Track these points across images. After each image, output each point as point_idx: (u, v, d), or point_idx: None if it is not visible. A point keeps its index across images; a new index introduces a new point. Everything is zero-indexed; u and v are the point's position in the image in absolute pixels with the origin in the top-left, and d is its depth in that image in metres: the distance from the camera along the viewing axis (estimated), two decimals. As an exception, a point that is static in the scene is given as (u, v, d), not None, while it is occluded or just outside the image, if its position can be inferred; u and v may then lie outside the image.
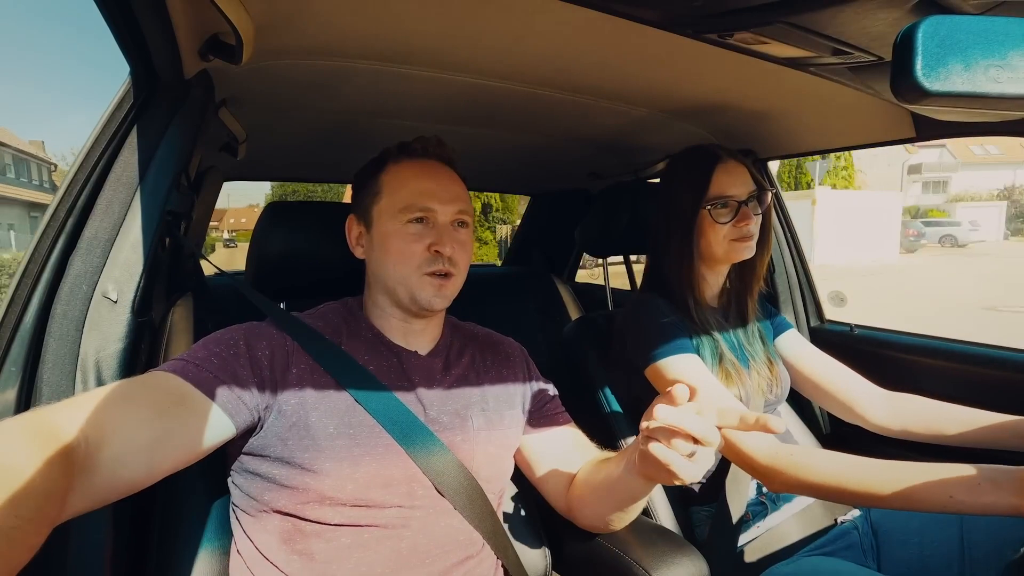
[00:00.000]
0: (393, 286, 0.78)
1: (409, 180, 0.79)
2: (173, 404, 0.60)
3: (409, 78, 0.96)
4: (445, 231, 0.77)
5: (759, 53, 0.79)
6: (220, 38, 0.74)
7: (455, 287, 0.80)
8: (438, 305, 0.78)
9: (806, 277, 1.54)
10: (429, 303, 0.76)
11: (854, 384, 1.10)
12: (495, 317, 1.01)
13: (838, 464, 0.80)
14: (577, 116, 1.22)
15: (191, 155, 0.82)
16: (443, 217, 0.78)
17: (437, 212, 0.77)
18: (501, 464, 0.83)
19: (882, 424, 1.05)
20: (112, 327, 0.71)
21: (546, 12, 0.72)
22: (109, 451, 0.52)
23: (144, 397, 0.59)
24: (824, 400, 1.14)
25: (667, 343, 0.99)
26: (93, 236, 0.71)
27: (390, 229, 0.77)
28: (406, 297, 0.77)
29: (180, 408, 0.61)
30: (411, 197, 0.77)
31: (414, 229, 0.77)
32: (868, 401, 1.07)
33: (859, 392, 1.09)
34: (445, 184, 0.80)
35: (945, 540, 0.92)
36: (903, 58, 0.44)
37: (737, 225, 1.02)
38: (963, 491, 0.69)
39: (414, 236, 0.76)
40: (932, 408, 1.00)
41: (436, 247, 0.76)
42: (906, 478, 0.73)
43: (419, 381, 0.78)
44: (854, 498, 0.77)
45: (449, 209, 0.78)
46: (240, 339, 0.70)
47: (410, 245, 0.76)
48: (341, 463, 0.68)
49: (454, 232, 0.79)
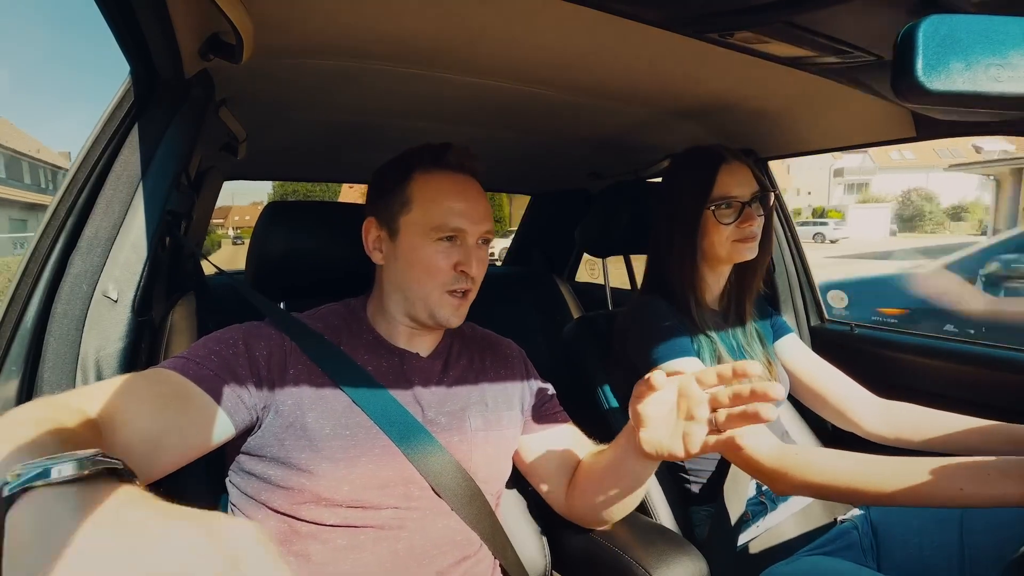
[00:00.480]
0: (413, 300, 0.77)
1: (442, 197, 0.77)
2: (175, 400, 0.60)
3: (409, 78, 0.96)
4: (473, 251, 0.77)
5: (760, 52, 0.79)
6: (220, 37, 0.74)
7: (470, 303, 0.80)
8: (455, 323, 0.78)
9: (806, 277, 1.54)
10: (447, 321, 0.77)
11: (849, 391, 1.10)
12: (495, 317, 1.01)
13: (845, 463, 0.79)
14: (578, 116, 1.22)
15: (191, 155, 0.82)
16: (472, 237, 0.77)
17: (468, 233, 0.77)
18: (499, 465, 0.83)
19: (876, 432, 1.04)
20: (112, 326, 0.71)
21: (547, 12, 0.72)
22: (119, 438, 0.52)
23: (148, 391, 0.59)
24: (818, 406, 1.14)
25: (668, 346, 0.98)
26: (93, 235, 0.71)
27: (418, 244, 0.76)
28: (424, 313, 0.77)
29: (181, 405, 0.61)
30: (444, 216, 0.76)
31: (443, 248, 0.76)
32: (862, 408, 1.07)
33: (854, 399, 1.08)
34: (476, 203, 0.79)
35: (945, 540, 0.92)
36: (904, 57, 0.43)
37: (741, 226, 1.02)
38: (973, 483, 0.68)
39: (442, 255, 0.76)
40: (927, 416, 0.99)
41: (463, 267, 0.76)
42: (915, 474, 0.72)
43: (418, 382, 0.78)
44: (862, 497, 0.76)
45: (479, 229, 0.78)
46: (239, 338, 0.70)
47: (438, 263, 0.76)
48: (337, 464, 0.68)
49: (479, 250, 0.79)
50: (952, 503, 0.70)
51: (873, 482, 0.75)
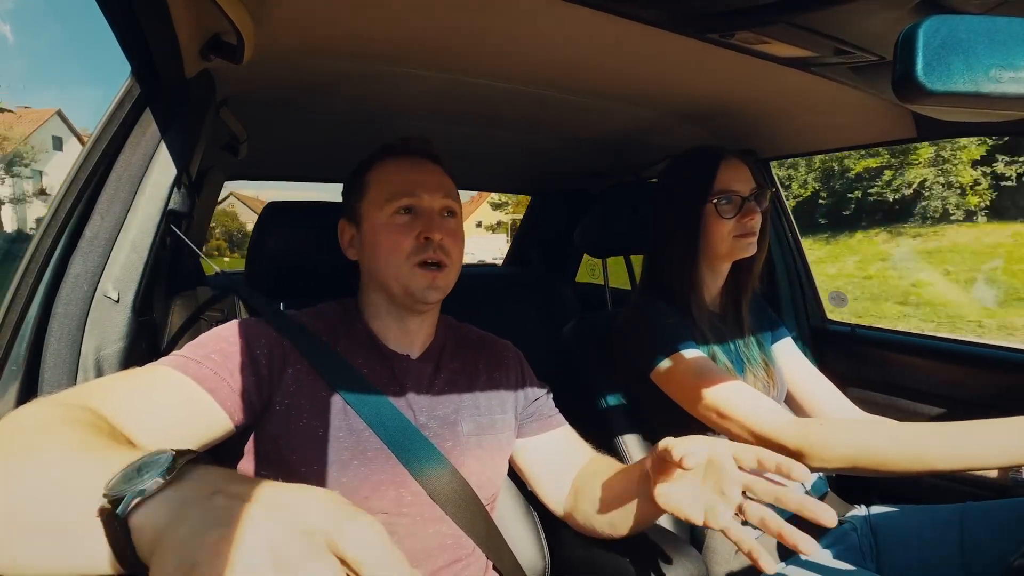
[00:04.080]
0: (386, 280, 0.77)
1: (394, 173, 0.79)
2: (175, 397, 0.60)
3: (410, 78, 0.96)
4: (433, 218, 0.77)
5: (761, 53, 0.79)
6: (221, 37, 0.74)
7: (449, 279, 0.79)
8: (432, 297, 0.77)
9: (807, 277, 1.54)
10: (423, 295, 0.76)
11: (829, 406, 1.09)
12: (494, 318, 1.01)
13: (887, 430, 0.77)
14: (578, 116, 1.22)
15: (192, 154, 0.82)
16: (430, 204, 0.77)
17: (424, 199, 0.77)
18: (493, 469, 0.82)
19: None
20: (113, 326, 0.71)
21: (548, 12, 0.72)
22: (124, 433, 0.52)
23: (149, 388, 0.60)
24: (798, 414, 1.14)
25: (670, 339, 0.98)
26: (94, 236, 0.71)
27: (378, 222, 0.77)
28: (399, 290, 0.76)
29: (182, 402, 0.61)
30: (397, 187, 0.77)
31: (402, 220, 0.76)
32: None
33: (831, 414, 1.08)
34: (430, 175, 0.80)
35: (945, 541, 0.91)
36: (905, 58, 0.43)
37: (741, 220, 1.02)
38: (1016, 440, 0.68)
39: (402, 227, 0.76)
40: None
41: (425, 234, 0.75)
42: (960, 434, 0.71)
43: (410, 386, 0.78)
44: (894, 461, 0.74)
45: (435, 196, 0.78)
46: (239, 337, 0.70)
47: (399, 236, 0.75)
48: (329, 466, 0.68)
49: (443, 220, 0.78)
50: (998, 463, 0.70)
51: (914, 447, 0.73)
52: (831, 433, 0.80)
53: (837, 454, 0.78)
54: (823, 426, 0.80)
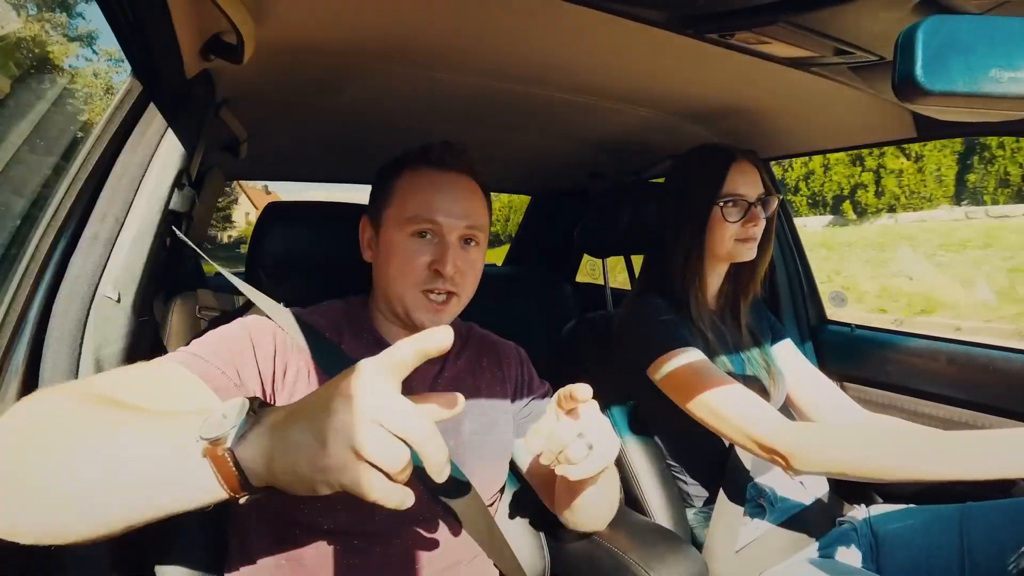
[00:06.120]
0: (391, 298, 0.76)
1: (420, 190, 0.75)
2: (179, 394, 0.60)
3: (410, 78, 0.96)
4: (449, 249, 0.74)
5: (761, 53, 0.79)
6: (221, 37, 0.74)
7: (454, 310, 0.77)
8: (435, 327, 0.76)
9: (807, 277, 1.54)
10: (422, 325, 0.73)
11: (830, 409, 1.09)
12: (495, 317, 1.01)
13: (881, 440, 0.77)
14: (579, 116, 1.22)
15: (192, 155, 0.82)
16: (449, 233, 0.74)
17: (443, 227, 0.74)
18: (495, 469, 0.82)
19: None
20: (113, 327, 0.70)
21: (548, 12, 0.72)
22: None
23: (154, 383, 0.60)
24: (799, 416, 1.14)
25: (668, 339, 0.98)
26: (94, 236, 0.71)
27: (394, 239, 0.75)
28: (402, 313, 0.76)
29: (186, 399, 0.61)
30: (418, 208, 0.74)
31: (416, 245, 0.74)
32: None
33: (832, 416, 1.08)
34: (458, 197, 0.76)
35: (946, 542, 0.91)
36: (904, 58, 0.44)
37: (745, 225, 1.02)
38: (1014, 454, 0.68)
39: (416, 251, 0.74)
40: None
41: (437, 266, 0.73)
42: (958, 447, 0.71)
43: (414, 384, 0.77)
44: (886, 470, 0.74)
45: (457, 225, 0.74)
46: (245, 334, 0.70)
47: (411, 260, 0.74)
48: None
49: (461, 250, 0.75)
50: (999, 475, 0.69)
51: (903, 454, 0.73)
52: (822, 439, 0.80)
53: (827, 459, 0.78)
54: (815, 431, 0.81)
